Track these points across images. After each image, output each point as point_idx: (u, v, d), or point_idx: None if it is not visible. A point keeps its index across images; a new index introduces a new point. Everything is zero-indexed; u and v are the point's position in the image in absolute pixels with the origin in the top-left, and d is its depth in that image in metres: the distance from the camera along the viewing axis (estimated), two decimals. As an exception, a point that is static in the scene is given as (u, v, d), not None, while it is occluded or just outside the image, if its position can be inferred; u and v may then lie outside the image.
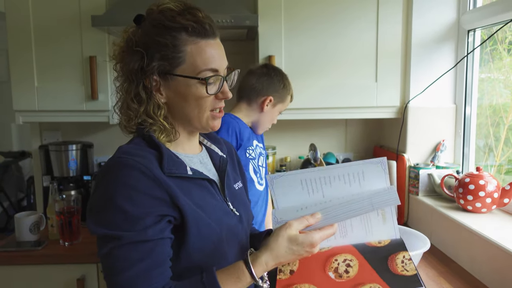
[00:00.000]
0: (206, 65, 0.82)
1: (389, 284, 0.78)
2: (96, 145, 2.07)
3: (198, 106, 0.84)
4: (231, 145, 1.09)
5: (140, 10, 0.88)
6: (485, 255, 1.24)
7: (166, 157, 0.80)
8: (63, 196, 1.73)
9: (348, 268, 0.83)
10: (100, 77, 1.75)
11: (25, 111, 1.80)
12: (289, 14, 1.72)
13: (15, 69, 1.76)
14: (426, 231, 1.55)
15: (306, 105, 1.76)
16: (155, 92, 0.83)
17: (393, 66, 1.75)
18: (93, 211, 0.77)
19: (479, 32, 1.69)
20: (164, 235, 0.77)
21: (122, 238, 0.73)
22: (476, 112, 1.73)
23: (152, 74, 0.81)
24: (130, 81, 0.83)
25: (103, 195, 0.76)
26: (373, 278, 0.79)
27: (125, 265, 0.74)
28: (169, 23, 0.81)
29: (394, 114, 1.81)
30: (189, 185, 0.83)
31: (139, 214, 0.74)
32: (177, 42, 0.81)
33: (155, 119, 0.83)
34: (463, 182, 1.46)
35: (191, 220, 0.79)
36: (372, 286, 0.78)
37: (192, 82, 0.82)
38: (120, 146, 0.83)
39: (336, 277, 0.81)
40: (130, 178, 0.75)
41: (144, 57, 0.80)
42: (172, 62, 0.81)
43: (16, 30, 1.74)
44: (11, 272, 1.60)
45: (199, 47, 0.82)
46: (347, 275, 0.81)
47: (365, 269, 0.82)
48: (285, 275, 0.85)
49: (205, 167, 0.92)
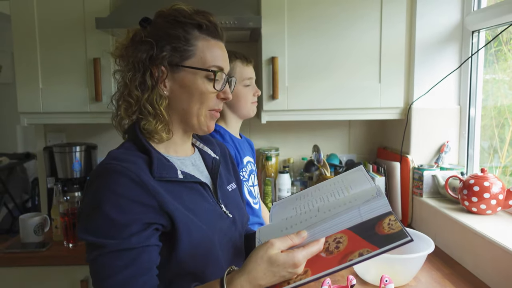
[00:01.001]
0: (215, 62, 0.85)
1: (377, 245, 0.74)
2: (100, 147, 2.08)
3: (200, 101, 0.85)
4: (224, 146, 1.09)
5: (144, 12, 0.89)
6: (490, 257, 1.23)
7: (156, 161, 0.80)
8: (67, 198, 1.74)
9: (338, 244, 0.78)
10: (104, 79, 1.76)
11: (30, 113, 1.81)
12: (293, 15, 1.72)
13: (20, 71, 1.77)
14: (430, 232, 1.54)
15: (310, 106, 1.76)
16: (160, 83, 0.84)
17: (397, 67, 1.74)
18: (82, 217, 0.78)
19: (484, 33, 1.68)
20: (150, 242, 0.76)
21: (107, 246, 0.74)
22: (481, 113, 1.72)
23: (160, 64, 0.83)
24: (135, 70, 0.84)
25: (91, 202, 0.76)
26: (362, 244, 0.76)
27: (109, 272, 0.74)
28: (184, 18, 0.84)
29: (398, 115, 1.80)
30: (180, 189, 0.82)
31: (126, 221, 0.74)
32: (189, 36, 0.84)
33: (156, 108, 0.83)
34: (468, 184, 1.45)
35: (182, 225, 0.78)
36: (361, 251, 0.75)
37: (199, 76, 0.84)
38: (110, 151, 0.83)
39: (327, 255, 0.77)
40: (118, 185, 0.75)
41: (154, 47, 0.82)
42: (182, 54, 0.83)
43: (22, 33, 1.75)
44: (15, 273, 1.60)
45: (210, 45, 0.85)
46: (337, 250, 0.77)
47: (355, 240, 0.78)
48: None
49: (198, 169, 0.92)
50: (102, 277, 0.75)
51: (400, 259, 1.19)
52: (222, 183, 0.96)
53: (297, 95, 1.75)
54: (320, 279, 0.76)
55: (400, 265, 1.20)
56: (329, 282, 1.08)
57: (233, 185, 1.01)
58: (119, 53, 0.86)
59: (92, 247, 0.76)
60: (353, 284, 1.09)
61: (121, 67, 0.87)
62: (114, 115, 0.90)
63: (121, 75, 0.87)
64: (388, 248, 0.75)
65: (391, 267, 1.19)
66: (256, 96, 1.53)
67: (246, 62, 1.49)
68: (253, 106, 1.52)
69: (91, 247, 0.76)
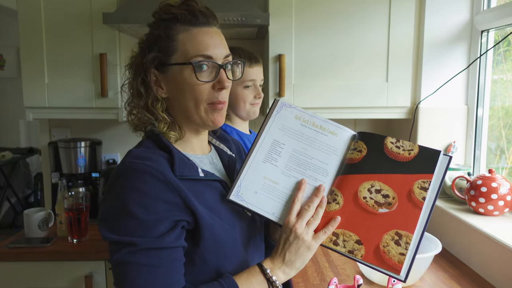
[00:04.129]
0: (198, 51, 0.80)
1: (424, 171, 0.78)
2: (104, 143, 2.07)
3: (194, 98, 0.81)
4: (239, 143, 1.08)
5: (151, 7, 0.87)
6: (497, 258, 1.23)
7: (177, 160, 0.79)
8: (72, 193, 1.74)
9: (382, 193, 0.80)
10: (110, 74, 1.75)
11: (36, 108, 1.80)
12: (300, 12, 1.71)
13: (26, 66, 1.77)
14: (437, 233, 1.54)
15: (316, 104, 1.75)
16: (156, 86, 0.83)
17: (405, 66, 1.73)
18: (106, 218, 0.76)
19: (493, 32, 1.67)
20: (179, 243, 0.76)
21: (138, 244, 0.72)
22: (488, 113, 1.71)
23: (149, 68, 0.82)
24: (133, 76, 0.84)
25: (116, 202, 0.75)
26: (407, 179, 0.79)
27: (140, 272, 0.72)
28: (164, 15, 0.82)
29: (404, 115, 1.79)
30: (201, 188, 0.81)
31: (153, 220, 0.73)
32: (170, 32, 0.81)
33: (154, 113, 0.82)
34: (475, 184, 1.44)
35: (205, 224, 0.77)
36: (418, 184, 0.78)
37: (185, 70, 0.80)
38: (130, 150, 0.82)
39: (388, 207, 0.79)
40: (142, 183, 0.74)
41: (145, 52, 0.82)
42: (166, 52, 0.81)
43: (28, 27, 1.75)
44: (20, 268, 1.61)
45: (190, 34, 0.81)
46: (391, 198, 0.79)
47: (392, 180, 0.80)
48: (359, 250, 0.78)
49: (215, 167, 0.91)
50: (131, 276, 0.72)
51: (407, 259, 1.18)
52: None
53: (304, 93, 1.74)
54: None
55: (407, 265, 1.20)
56: (336, 281, 1.07)
57: None
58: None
59: (120, 246, 0.73)
60: (360, 284, 1.08)
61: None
62: (127, 119, 0.89)
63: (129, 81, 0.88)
64: (440, 168, 0.78)
65: (398, 267, 1.18)
66: (258, 98, 1.50)
67: (250, 63, 1.45)
68: (254, 107, 1.49)
69: (119, 246, 0.73)
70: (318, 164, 0.85)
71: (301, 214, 0.80)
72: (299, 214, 0.80)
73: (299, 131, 0.87)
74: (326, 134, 0.87)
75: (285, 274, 0.80)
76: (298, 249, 0.79)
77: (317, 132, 0.87)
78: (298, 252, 0.79)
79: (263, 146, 0.86)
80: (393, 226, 0.78)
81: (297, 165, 0.84)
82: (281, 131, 0.87)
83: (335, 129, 0.87)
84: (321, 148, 0.86)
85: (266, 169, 0.85)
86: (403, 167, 0.80)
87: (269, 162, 0.85)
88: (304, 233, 0.78)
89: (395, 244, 0.77)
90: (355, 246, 0.78)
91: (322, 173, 0.85)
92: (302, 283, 1.25)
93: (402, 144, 0.83)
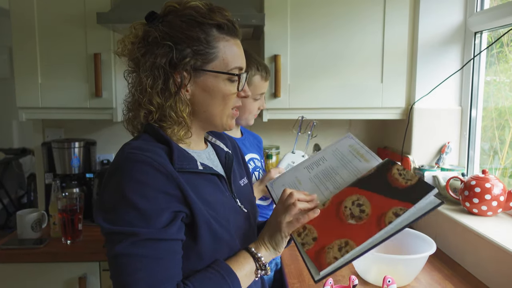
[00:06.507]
0: (236, 63, 0.84)
1: (407, 201, 0.79)
2: (99, 143, 2.06)
3: (224, 103, 0.85)
4: (234, 141, 1.08)
5: (146, 7, 0.86)
6: (491, 259, 1.24)
7: (176, 152, 0.79)
8: (66, 194, 1.72)
9: (361, 207, 0.83)
10: (104, 74, 1.74)
11: (29, 108, 1.78)
12: (295, 13, 1.71)
13: (19, 65, 1.75)
14: (431, 233, 1.54)
15: (311, 105, 1.76)
16: (182, 88, 0.81)
17: (399, 67, 1.74)
18: (105, 209, 0.75)
19: (486, 34, 1.68)
20: (180, 236, 0.76)
21: (141, 235, 0.71)
22: (482, 114, 1.73)
23: (183, 69, 0.80)
24: (154, 76, 0.79)
25: (115, 192, 0.74)
26: (389, 203, 0.81)
27: (142, 263, 0.71)
28: (202, 19, 0.81)
29: (399, 116, 1.80)
30: (199, 181, 0.82)
31: (155, 211, 0.73)
32: (210, 38, 0.81)
33: (179, 115, 0.81)
34: (469, 185, 1.45)
35: (201, 218, 0.78)
36: (394, 210, 0.79)
37: (222, 79, 0.83)
38: (127, 142, 0.81)
39: (357, 221, 0.82)
40: (142, 174, 0.73)
41: (173, 51, 0.79)
42: (204, 58, 0.81)
43: (21, 27, 1.73)
44: (12, 270, 1.59)
45: (230, 45, 0.83)
46: (365, 214, 0.82)
47: (376, 199, 0.83)
48: (310, 245, 0.83)
49: (212, 163, 0.92)
50: (132, 269, 0.70)
51: (402, 260, 1.19)
52: (236, 178, 0.95)
53: (299, 93, 1.75)
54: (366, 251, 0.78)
55: (402, 266, 1.20)
56: (331, 282, 1.07)
57: (245, 180, 1.01)
58: (127, 53, 0.82)
59: (120, 237, 0.71)
60: (355, 284, 1.08)
61: (132, 69, 0.83)
62: (126, 117, 0.87)
63: (135, 78, 0.83)
64: (422, 204, 0.77)
65: (393, 268, 1.19)
66: (259, 110, 1.50)
67: (265, 78, 1.45)
68: (254, 117, 1.51)
69: (120, 237, 0.71)
70: (338, 180, 0.94)
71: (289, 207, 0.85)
72: (288, 208, 0.85)
73: (343, 155, 0.99)
74: (360, 160, 0.95)
75: (267, 251, 0.85)
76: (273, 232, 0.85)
77: (355, 157, 0.97)
78: (278, 217, 0.85)
79: (313, 158, 1.03)
80: (348, 235, 0.81)
81: (323, 176, 0.97)
82: (332, 152, 1.01)
83: (370, 157, 0.95)
84: (349, 169, 0.95)
85: (302, 172, 1.01)
86: (393, 192, 0.82)
87: (307, 169, 1.01)
88: (283, 217, 0.84)
89: (337, 249, 0.80)
90: (309, 241, 0.83)
91: (336, 186, 0.93)
92: (297, 284, 1.25)
93: (405, 173, 0.85)
